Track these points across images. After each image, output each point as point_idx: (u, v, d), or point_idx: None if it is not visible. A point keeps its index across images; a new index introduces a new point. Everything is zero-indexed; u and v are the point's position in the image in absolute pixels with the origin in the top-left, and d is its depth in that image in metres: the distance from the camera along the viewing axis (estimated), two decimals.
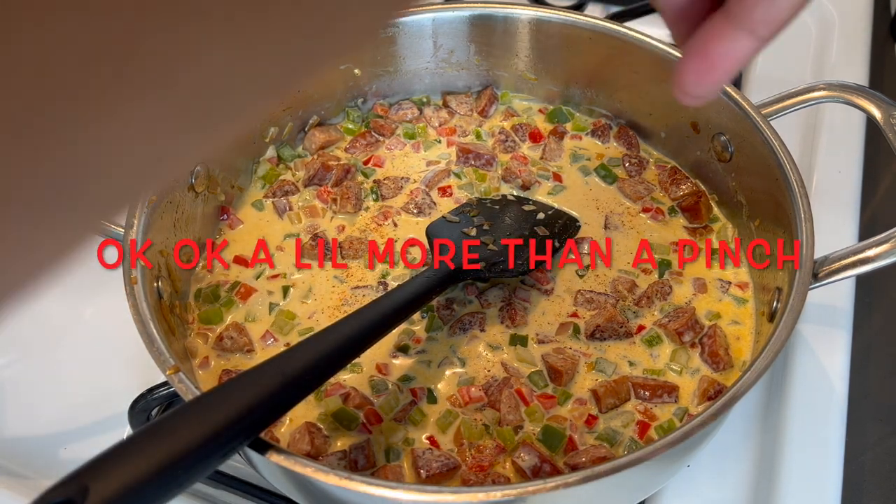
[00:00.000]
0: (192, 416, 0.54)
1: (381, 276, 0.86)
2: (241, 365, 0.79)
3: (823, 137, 1.09)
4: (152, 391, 0.77)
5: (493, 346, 0.80)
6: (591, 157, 0.99)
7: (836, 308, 0.89)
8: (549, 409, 0.75)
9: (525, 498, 0.56)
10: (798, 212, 0.73)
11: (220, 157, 0.89)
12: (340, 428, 0.74)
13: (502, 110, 1.05)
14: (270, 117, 0.95)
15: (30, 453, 0.83)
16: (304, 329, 0.82)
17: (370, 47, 0.98)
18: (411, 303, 0.72)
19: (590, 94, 1.02)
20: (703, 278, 0.85)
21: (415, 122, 1.03)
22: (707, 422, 0.59)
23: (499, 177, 0.96)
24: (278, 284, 0.86)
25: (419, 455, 0.70)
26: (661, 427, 0.74)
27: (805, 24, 1.32)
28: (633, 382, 0.76)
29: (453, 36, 1.00)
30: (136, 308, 0.68)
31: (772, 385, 0.85)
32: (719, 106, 0.87)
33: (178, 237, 0.82)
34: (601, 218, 0.92)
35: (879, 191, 1.12)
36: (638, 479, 0.66)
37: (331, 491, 0.58)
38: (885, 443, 0.87)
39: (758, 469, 0.79)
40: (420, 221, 0.92)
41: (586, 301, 0.83)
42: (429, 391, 0.76)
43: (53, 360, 0.91)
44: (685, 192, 0.93)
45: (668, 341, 0.80)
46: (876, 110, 0.78)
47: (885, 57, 1.32)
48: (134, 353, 0.87)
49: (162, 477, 0.49)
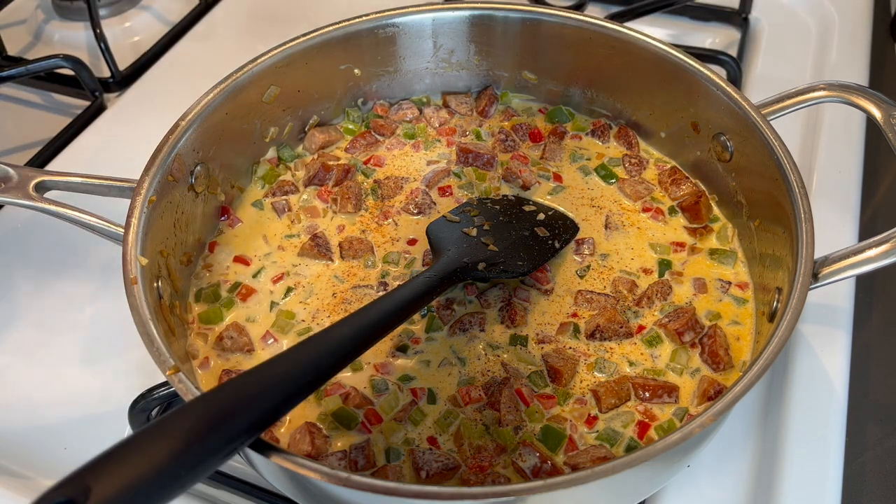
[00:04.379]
0: (192, 416, 0.54)
1: (381, 276, 0.86)
2: (241, 365, 0.79)
3: (823, 137, 1.10)
4: (152, 391, 0.77)
5: (493, 346, 0.80)
6: (591, 157, 0.99)
7: (836, 308, 0.89)
8: (549, 409, 0.75)
9: (525, 498, 0.56)
10: (798, 212, 0.73)
11: (220, 156, 0.89)
12: (340, 427, 0.74)
13: (502, 110, 1.05)
14: (270, 118, 0.95)
15: (30, 453, 0.83)
16: (304, 329, 0.82)
17: (370, 47, 0.98)
18: (412, 303, 0.72)
19: (590, 94, 1.02)
20: (703, 278, 0.85)
21: (415, 122, 1.03)
22: (707, 422, 0.59)
23: (499, 177, 0.97)
24: (278, 284, 0.86)
25: (419, 455, 0.70)
26: (661, 427, 0.74)
27: (805, 24, 1.32)
28: (634, 382, 0.76)
29: (453, 36, 1.00)
30: (136, 308, 0.68)
31: (772, 385, 0.85)
32: (719, 106, 0.87)
33: (178, 237, 0.82)
34: (601, 218, 0.92)
35: (879, 191, 1.12)
36: (638, 479, 0.66)
37: (331, 491, 0.58)
38: (885, 443, 0.87)
39: (758, 469, 0.79)
40: (420, 221, 0.92)
41: (586, 301, 0.83)
42: (429, 391, 0.76)
43: (53, 360, 0.91)
44: (685, 192, 0.93)
45: (668, 341, 0.80)
46: (876, 110, 0.78)
47: (885, 57, 1.32)
48: (134, 353, 0.88)
49: (163, 477, 0.49)
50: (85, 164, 1.12)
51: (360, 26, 0.96)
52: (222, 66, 0.90)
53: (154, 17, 1.42)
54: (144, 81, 1.27)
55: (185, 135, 0.82)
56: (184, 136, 0.82)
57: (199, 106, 0.85)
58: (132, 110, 1.21)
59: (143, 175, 0.78)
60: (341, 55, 0.97)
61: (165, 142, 0.81)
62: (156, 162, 0.79)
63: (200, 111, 0.84)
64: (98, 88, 1.23)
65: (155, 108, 1.18)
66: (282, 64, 0.92)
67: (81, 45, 1.37)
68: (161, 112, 0.90)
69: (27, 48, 1.38)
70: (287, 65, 0.92)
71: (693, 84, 0.89)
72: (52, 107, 1.28)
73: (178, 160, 0.82)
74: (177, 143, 0.81)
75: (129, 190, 0.77)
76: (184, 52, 1.33)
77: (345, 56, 0.98)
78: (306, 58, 0.94)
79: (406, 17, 0.97)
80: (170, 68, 1.29)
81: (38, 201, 0.78)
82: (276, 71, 0.92)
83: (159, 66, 1.30)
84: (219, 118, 0.87)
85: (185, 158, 0.83)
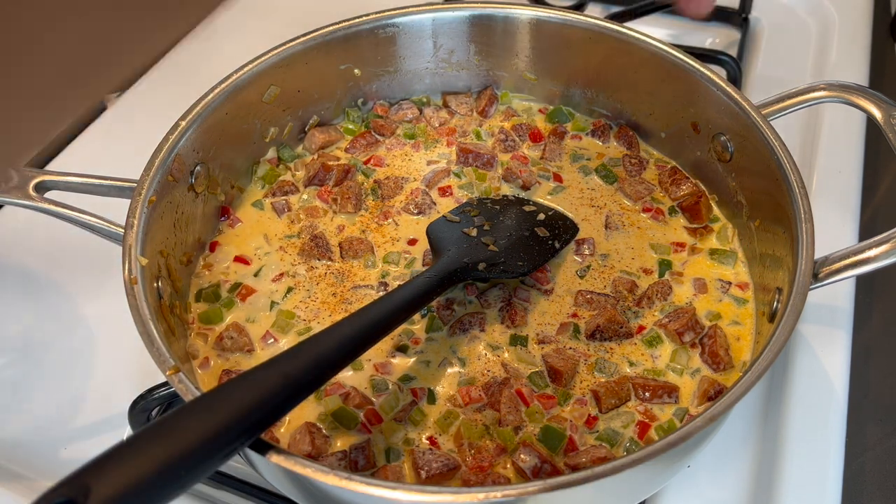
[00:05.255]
0: (192, 416, 0.54)
1: (382, 276, 0.86)
2: (241, 365, 0.79)
3: (823, 137, 1.10)
4: (152, 391, 0.77)
5: (493, 346, 0.80)
6: (592, 157, 0.99)
7: (836, 308, 0.89)
8: (549, 410, 0.75)
9: (525, 498, 0.56)
10: (798, 212, 0.73)
11: (220, 156, 0.89)
12: (340, 427, 0.74)
13: (502, 110, 1.05)
14: (270, 118, 0.95)
15: (30, 453, 0.83)
16: (304, 329, 0.82)
17: (370, 47, 0.98)
18: (412, 303, 0.72)
19: (590, 94, 1.02)
20: (704, 278, 0.85)
21: (415, 123, 1.03)
22: (707, 422, 0.59)
23: (499, 177, 0.97)
24: (278, 284, 0.86)
25: (419, 455, 0.70)
26: (661, 427, 0.74)
27: (805, 24, 1.32)
28: (634, 383, 0.76)
29: (453, 36, 1.00)
30: (136, 308, 0.68)
31: (772, 385, 0.85)
32: (719, 106, 0.87)
33: (178, 237, 0.82)
34: (601, 218, 0.92)
35: (879, 191, 1.12)
36: (638, 480, 0.66)
37: (331, 491, 0.58)
38: (885, 443, 0.87)
39: (758, 469, 0.79)
40: (420, 221, 0.92)
41: (586, 301, 0.83)
42: (429, 391, 0.76)
43: (54, 360, 0.91)
44: (685, 192, 0.93)
45: (668, 341, 0.80)
46: (876, 110, 0.78)
47: (885, 57, 1.32)
48: (134, 353, 0.88)
49: (163, 477, 0.49)
50: (85, 164, 1.12)
51: (360, 26, 0.96)
52: (222, 66, 0.90)
53: None
54: (144, 81, 1.27)
55: (185, 135, 0.82)
56: (184, 136, 0.82)
57: (199, 106, 0.85)
58: (132, 110, 1.21)
59: (143, 175, 0.78)
60: (341, 55, 0.97)
61: (165, 142, 0.81)
62: (156, 162, 0.79)
63: (200, 111, 0.84)
64: None
65: (155, 108, 1.18)
66: (282, 64, 0.92)
67: None
68: (161, 112, 0.90)
69: None
70: (287, 65, 0.92)
71: (693, 84, 0.89)
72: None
73: (178, 160, 0.82)
74: (177, 143, 0.81)
75: (129, 190, 0.77)
76: (184, 52, 1.33)
77: (345, 56, 0.98)
78: (306, 58, 0.94)
79: (406, 17, 0.97)
80: (170, 68, 1.29)
81: (38, 201, 0.78)
82: (276, 71, 0.92)
83: (159, 67, 1.30)
84: (219, 118, 0.87)
85: (185, 158, 0.83)
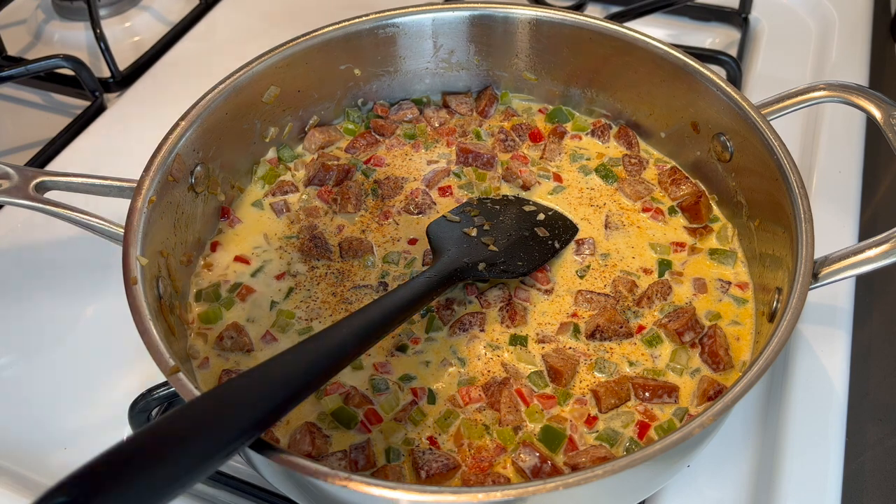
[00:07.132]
0: (192, 416, 0.54)
1: (381, 276, 0.86)
2: (240, 365, 0.79)
3: (823, 137, 1.10)
4: (152, 391, 0.77)
5: (493, 346, 0.80)
6: (591, 157, 0.99)
7: (836, 308, 0.89)
8: (549, 409, 0.75)
9: (525, 498, 0.56)
10: (798, 212, 0.73)
11: (220, 157, 0.89)
12: (340, 427, 0.74)
13: (502, 110, 1.05)
14: (270, 118, 0.95)
15: (30, 453, 0.83)
16: (304, 329, 0.82)
17: (370, 47, 0.98)
18: (412, 303, 0.72)
19: (589, 93, 1.02)
20: (703, 278, 0.85)
21: (415, 123, 1.03)
22: (707, 422, 0.59)
23: (499, 176, 0.97)
24: (278, 284, 0.86)
25: (419, 455, 0.70)
26: (661, 427, 0.74)
27: (805, 24, 1.32)
28: (634, 383, 0.76)
29: (453, 36, 1.00)
30: (136, 308, 0.68)
31: (772, 385, 0.85)
32: (719, 106, 0.87)
33: (178, 237, 0.82)
34: (601, 217, 0.92)
35: (879, 191, 1.12)
36: (638, 480, 0.66)
37: (331, 491, 0.58)
38: (885, 443, 0.87)
39: (758, 469, 0.79)
40: (420, 221, 0.92)
41: (586, 301, 0.83)
42: (429, 391, 0.76)
43: (53, 360, 0.91)
44: (685, 192, 0.93)
45: (668, 341, 0.80)
46: (876, 110, 0.78)
47: (885, 57, 1.32)
48: (134, 353, 0.88)
49: (163, 477, 0.49)
50: (85, 164, 1.12)
51: (360, 26, 0.96)
52: (222, 66, 0.90)
53: (154, 17, 1.43)
54: (144, 81, 1.27)
55: (185, 135, 0.82)
56: (184, 136, 0.82)
57: (199, 106, 0.85)
58: (132, 110, 1.21)
59: (143, 175, 0.78)
60: (341, 55, 0.97)
61: (165, 142, 0.81)
62: (156, 162, 0.79)
63: (200, 111, 0.84)
64: (98, 88, 1.23)
65: (155, 108, 1.18)
66: (282, 64, 0.92)
67: (81, 45, 1.37)
68: (161, 112, 0.90)
69: (27, 48, 1.38)
70: (287, 65, 0.92)
71: (693, 84, 0.89)
72: (52, 107, 1.28)
73: (178, 160, 0.82)
74: (177, 143, 0.81)
75: (129, 190, 0.77)
76: (184, 52, 1.33)
77: (345, 56, 0.98)
78: (306, 58, 0.94)
79: (406, 18, 0.97)
80: (170, 68, 1.29)
81: (38, 201, 0.78)
82: (276, 71, 0.92)
83: (159, 66, 1.30)
84: (219, 118, 0.87)
85: (185, 158, 0.83)
